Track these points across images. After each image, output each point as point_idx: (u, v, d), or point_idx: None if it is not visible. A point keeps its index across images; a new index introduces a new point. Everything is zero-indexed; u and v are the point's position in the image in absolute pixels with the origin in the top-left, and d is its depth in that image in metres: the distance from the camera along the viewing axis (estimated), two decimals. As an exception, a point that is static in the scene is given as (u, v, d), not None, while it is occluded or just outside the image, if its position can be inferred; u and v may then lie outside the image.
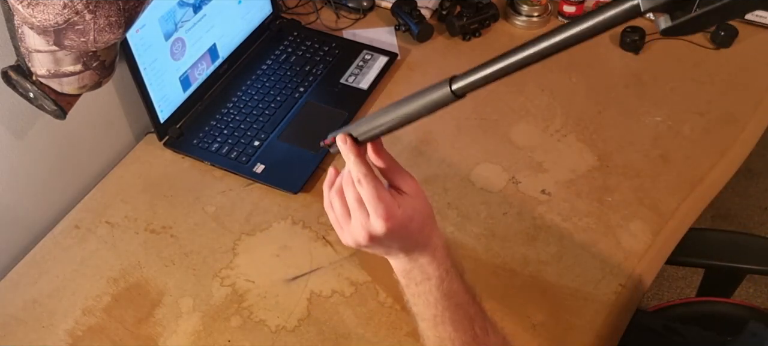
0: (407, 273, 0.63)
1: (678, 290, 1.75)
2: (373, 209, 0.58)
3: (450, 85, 0.58)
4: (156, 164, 1.07)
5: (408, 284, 0.63)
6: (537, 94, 1.14)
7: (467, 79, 0.57)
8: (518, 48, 0.56)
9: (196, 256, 0.93)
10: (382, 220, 0.57)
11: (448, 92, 0.58)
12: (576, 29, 0.52)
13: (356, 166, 0.59)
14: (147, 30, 0.99)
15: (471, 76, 0.57)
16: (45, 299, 0.89)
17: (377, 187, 0.59)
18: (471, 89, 0.58)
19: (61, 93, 0.82)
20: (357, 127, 0.63)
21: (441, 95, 0.59)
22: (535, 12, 1.28)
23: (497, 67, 0.57)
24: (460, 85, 0.57)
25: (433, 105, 0.60)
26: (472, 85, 0.57)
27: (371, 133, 0.62)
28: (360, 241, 0.60)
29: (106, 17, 0.68)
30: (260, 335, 0.84)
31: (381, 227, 0.58)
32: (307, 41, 1.25)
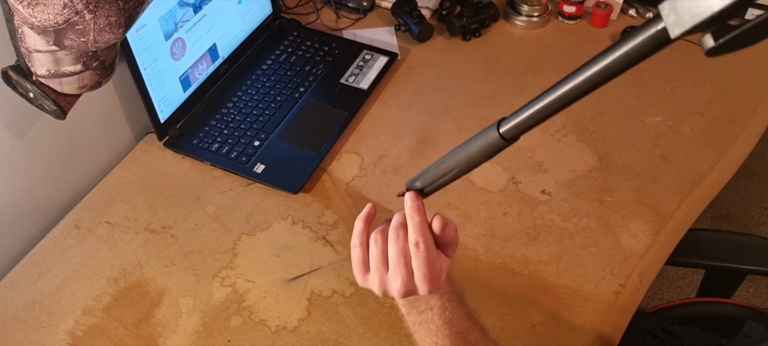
0: (409, 303, 0.62)
1: (678, 290, 1.75)
2: (422, 275, 0.57)
3: (498, 128, 0.56)
4: (156, 164, 1.07)
5: (409, 312, 0.62)
6: (537, 94, 1.14)
7: (513, 121, 0.55)
8: (560, 83, 0.56)
9: (196, 256, 0.93)
10: (428, 286, 0.57)
11: (496, 137, 0.56)
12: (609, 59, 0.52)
13: (418, 229, 0.58)
14: (147, 30, 0.99)
15: (516, 117, 0.56)
16: (45, 299, 0.89)
17: (431, 253, 0.58)
18: (519, 131, 0.56)
19: (61, 93, 0.82)
20: (424, 179, 0.62)
21: (491, 140, 0.57)
22: (535, 12, 1.28)
23: (541, 105, 0.56)
24: (506, 128, 0.56)
25: (486, 151, 0.58)
26: (518, 126, 0.56)
27: (436, 186, 0.63)
28: (390, 292, 0.59)
29: (106, 17, 0.68)
30: (260, 335, 0.84)
31: (424, 290, 0.57)
32: (307, 41, 1.25)
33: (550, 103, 0.56)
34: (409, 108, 1.13)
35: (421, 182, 0.63)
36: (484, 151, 0.58)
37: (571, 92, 0.56)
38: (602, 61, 0.52)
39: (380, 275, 0.59)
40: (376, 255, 0.60)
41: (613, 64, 0.53)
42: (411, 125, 1.10)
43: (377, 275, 0.60)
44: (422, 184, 0.63)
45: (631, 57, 0.51)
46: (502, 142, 0.56)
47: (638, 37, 0.49)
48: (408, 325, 0.64)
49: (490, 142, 0.57)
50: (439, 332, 0.60)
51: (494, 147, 0.57)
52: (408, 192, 0.62)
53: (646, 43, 0.49)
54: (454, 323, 0.61)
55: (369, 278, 0.61)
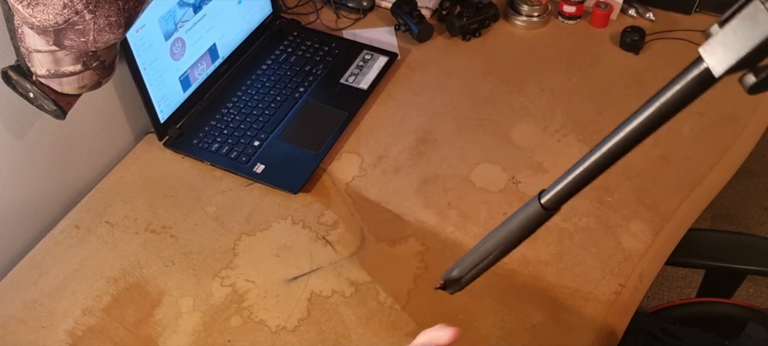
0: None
1: (678, 290, 1.75)
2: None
3: (539, 200, 0.56)
4: (156, 164, 1.07)
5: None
6: (537, 94, 1.14)
7: (554, 191, 0.55)
8: (596, 147, 0.55)
9: (196, 256, 0.93)
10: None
11: (539, 209, 0.56)
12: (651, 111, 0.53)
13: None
14: (147, 30, 0.99)
15: (557, 186, 0.55)
16: (45, 299, 0.89)
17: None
18: (562, 200, 0.55)
19: (60, 93, 0.82)
20: (461, 267, 0.62)
21: (533, 214, 0.57)
22: (535, 12, 1.28)
23: (580, 171, 0.55)
24: (548, 199, 0.55)
25: (528, 226, 0.58)
26: (559, 195, 0.55)
27: (475, 272, 0.62)
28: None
29: (106, 17, 0.68)
30: (260, 335, 0.84)
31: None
32: (307, 41, 1.25)
33: (589, 167, 0.55)
34: (409, 108, 1.13)
35: (459, 271, 0.62)
36: (526, 226, 0.57)
37: (613, 151, 0.55)
38: (647, 111, 0.53)
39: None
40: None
41: (658, 113, 0.53)
42: (411, 125, 1.10)
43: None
44: (460, 273, 0.62)
45: (676, 103, 0.51)
46: (546, 214, 0.55)
47: (681, 82, 0.50)
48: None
49: (531, 216, 0.56)
50: None
51: (536, 221, 0.56)
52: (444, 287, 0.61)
53: (690, 87, 0.50)
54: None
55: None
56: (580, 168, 0.55)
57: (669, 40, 1.22)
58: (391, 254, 0.92)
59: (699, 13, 1.27)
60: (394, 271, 0.89)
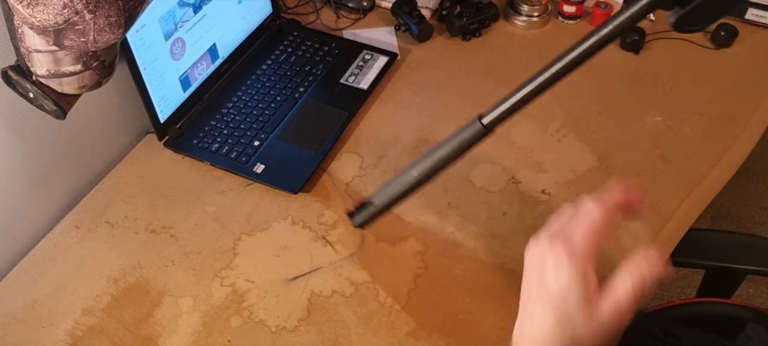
0: None
1: (678, 291, 1.76)
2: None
3: (480, 121, 0.61)
4: (156, 164, 1.07)
5: None
6: (537, 94, 1.14)
7: (494, 113, 0.61)
8: (537, 74, 0.61)
9: (196, 256, 0.93)
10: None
11: (479, 127, 0.61)
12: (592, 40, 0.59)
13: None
14: (147, 30, 0.99)
15: (496, 109, 0.61)
16: (45, 299, 0.89)
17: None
18: (500, 122, 0.61)
19: (60, 93, 0.82)
20: (384, 190, 0.67)
21: (472, 132, 0.62)
22: (535, 12, 1.28)
23: (521, 94, 0.61)
24: (489, 120, 0.61)
25: (467, 144, 0.62)
26: (499, 117, 0.61)
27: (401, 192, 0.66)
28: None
29: (106, 17, 0.68)
30: (260, 335, 0.84)
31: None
32: (307, 41, 1.25)
33: (527, 93, 0.62)
34: (409, 108, 1.13)
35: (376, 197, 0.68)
36: (464, 143, 0.62)
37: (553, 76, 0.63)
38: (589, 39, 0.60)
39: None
40: None
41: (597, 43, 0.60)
42: (411, 125, 1.10)
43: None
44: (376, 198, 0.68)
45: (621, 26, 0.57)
46: (485, 133, 0.61)
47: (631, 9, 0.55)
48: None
49: (472, 134, 0.61)
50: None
51: (475, 138, 0.61)
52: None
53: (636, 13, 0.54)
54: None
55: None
56: (519, 94, 0.62)
57: (669, 40, 1.22)
58: (391, 254, 0.92)
59: (699, 13, 1.27)
60: (394, 271, 0.89)
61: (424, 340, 0.82)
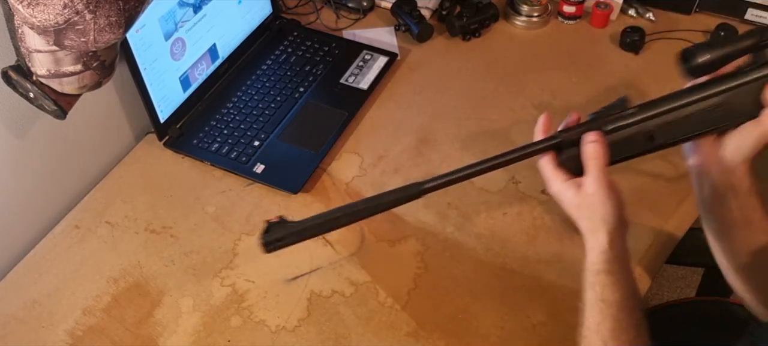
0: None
1: (678, 291, 1.75)
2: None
3: (422, 186, 0.69)
4: (156, 164, 1.07)
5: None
6: (537, 94, 1.14)
7: (434, 183, 0.69)
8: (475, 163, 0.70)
9: (196, 256, 0.93)
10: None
11: (420, 190, 0.68)
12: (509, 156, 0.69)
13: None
14: (147, 30, 0.99)
15: (437, 180, 0.69)
16: (45, 299, 0.89)
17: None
18: (436, 189, 0.69)
19: (61, 93, 0.82)
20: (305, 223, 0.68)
21: (410, 192, 0.68)
22: (535, 12, 1.28)
23: (456, 175, 0.70)
24: (429, 186, 0.69)
25: (401, 200, 0.69)
26: (436, 185, 0.69)
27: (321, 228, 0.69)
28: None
29: (106, 17, 0.68)
30: (260, 335, 0.84)
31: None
32: (307, 41, 1.25)
33: (462, 175, 0.70)
34: (409, 108, 1.13)
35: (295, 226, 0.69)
36: (399, 199, 0.69)
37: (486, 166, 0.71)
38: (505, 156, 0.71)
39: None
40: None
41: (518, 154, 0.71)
42: (411, 125, 1.10)
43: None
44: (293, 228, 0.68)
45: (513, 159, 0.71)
46: (420, 194, 0.68)
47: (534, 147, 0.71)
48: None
49: (409, 193, 0.68)
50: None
51: (410, 197, 0.68)
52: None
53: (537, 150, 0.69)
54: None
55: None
56: (456, 175, 0.69)
57: (669, 40, 1.22)
58: (391, 254, 0.92)
59: (699, 13, 1.27)
60: (394, 271, 0.89)
61: (424, 340, 0.82)
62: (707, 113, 0.64)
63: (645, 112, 0.65)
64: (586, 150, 0.66)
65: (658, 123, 0.65)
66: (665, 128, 0.65)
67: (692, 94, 0.65)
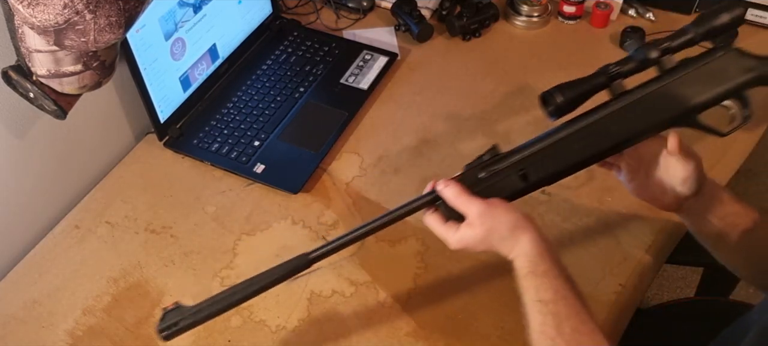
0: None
1: (678, 290, 1.75)
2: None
3: (308, 256, 0.71)
4: (156, 164, 1.07)
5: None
6: (537, 94, 1.14)
7: (320, 251, 0.71)
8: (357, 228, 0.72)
9: (196, 256, 0.93)
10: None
11: (306, 260, 0.70)
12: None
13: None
14: (147, 30, 0.99)
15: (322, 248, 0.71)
16: (45, 299, 0.89)
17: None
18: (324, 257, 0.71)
19: (61, 93, 0.82)
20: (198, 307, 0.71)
21: (297, 263, 0.71)
22: (535, 12, 1.28)
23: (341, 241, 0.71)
24: (314, 255, 0.70)
25: (289, 271, 0.71)
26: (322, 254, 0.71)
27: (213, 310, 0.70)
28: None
29: (107, 17, 0.68)
30: (260, 335, 0.84)
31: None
32: (307, 41, 1.25)
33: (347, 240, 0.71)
34: (409, 108, 1.13)
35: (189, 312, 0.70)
36: (287, 271, 0.70)
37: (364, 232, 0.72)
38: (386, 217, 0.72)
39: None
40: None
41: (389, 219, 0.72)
42: (411, 125, 1.10)
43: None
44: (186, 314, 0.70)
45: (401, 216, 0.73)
46: (308, 264, 0.70)
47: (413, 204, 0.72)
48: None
49: (296, 264, 0.70)
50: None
51: (298, 268, 0.71)
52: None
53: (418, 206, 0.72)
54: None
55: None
56: (340, 241, 0.71)
57: (669, 40, 1.22)
58: (391, 254, 0.92)
59: (699, 13, 1.27)
60: (394, 271, 0.89)
61: (424, 340, 0.82)
62: (571, 146, 0.69)
63: (512, 157, 0.70)
64: (447, 195, 0.69)
65: (529, 162, 0.69)
66: (536, 166, 0.69)
67: (556, 132, 0.70)
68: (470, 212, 0.68)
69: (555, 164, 0.69)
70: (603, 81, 0.70)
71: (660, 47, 0.69)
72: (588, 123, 0.69)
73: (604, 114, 0.69)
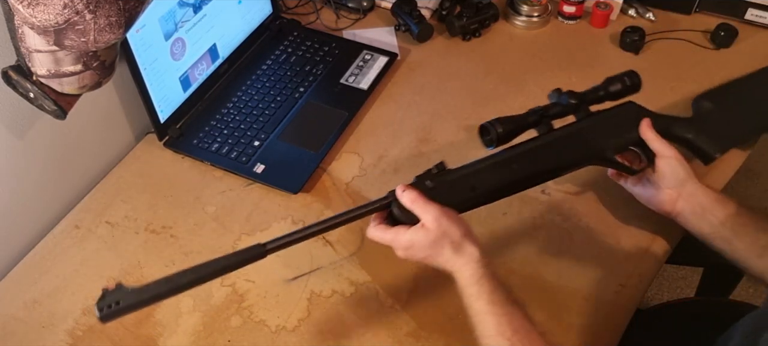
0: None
1: (678, 290, 1.76)
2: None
3: (264, 246, 0.72)
4: (156, 164, 1.07)
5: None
6: (537, 93, 1.14)
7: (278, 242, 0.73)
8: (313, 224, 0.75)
9: (197, 256, 0.93)
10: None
11: (261, 250, 0.71)
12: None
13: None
14: (147, 30, 0.99)
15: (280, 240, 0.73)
16: (45, 298, 0.89)
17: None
18: (280, 248, 0.73)
19: (61, 93, 0.82)
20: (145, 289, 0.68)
21: (253, 252, 0.71)
22: (535, 12, 1.28)
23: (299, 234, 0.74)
24: (271, 246, 0.72)
25: (243, 260, 0.71)
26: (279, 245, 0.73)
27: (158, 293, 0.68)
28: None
29: (107, 17, 0.68)
30: (260, 335, 0.84)
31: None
32: (307, 41, 1.25)
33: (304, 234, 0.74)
34: (409, 108, 1.13)
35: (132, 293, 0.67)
36: (242, 259, 0.71)
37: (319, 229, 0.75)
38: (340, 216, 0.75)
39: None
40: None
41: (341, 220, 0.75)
42: (411, 125, 1.10)
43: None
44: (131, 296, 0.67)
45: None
46: (263, 254, 0.71)
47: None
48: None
49: (252, 253, 0.71)
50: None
51: (253, 257, 0.71)
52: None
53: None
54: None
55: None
56: (298, 234, 0.74)
57: (669, 41, 1.23)
58: (391, 254, 0.91)
59: (699, 13, 1.27)
60: (394, 271, 0.89)
61: (424, 340, 0.82)
62: (509, 166, 0.79)
63: (458, 171, 0.77)
64: (406, 199, 0.73)
65: (474, 176, 0.77)
66: (480, 180, 0.77)
67: (496, 155, 0.79)
68: (427, 214, 0.71)
69: (496, 180, 0.78)
70: (534, 119, 0.83)
71: (577, 96, 0.85)
72: (521, 151, 0.80)
73: (533, 146, 0.81)
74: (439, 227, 0.71)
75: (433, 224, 0.71)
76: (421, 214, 0.72)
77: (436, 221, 0.71)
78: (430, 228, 0.71)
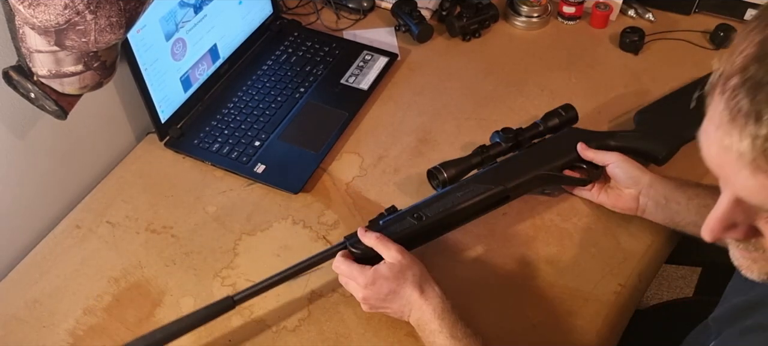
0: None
1: (677, 290, 1.76)
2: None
3: (232, 299, 0.79)
4: (157, 164, 1.07)
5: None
6: (537, 94, 1.14)
7: (245, 293, 0.80)
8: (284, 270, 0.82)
9: (197, 256, 0.93)
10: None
11: (230, 303, 0.79)
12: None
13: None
14: (148, 30, 0.99)
15: (248, 290, 0.80)
16: (46, 298, 0.90)
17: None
18: (247, 299, 0.81)
19: (62, 93, 0.82)
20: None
21: (221, 306, 0.79)
22: (535, 12, 1.28)
23: (266, 283, 0.81)
24: (239, 297, 0.79)
25: (211, 314, 0.79)
26: (246, 295, 0.80)
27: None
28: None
29: (107, 17, 0.69)
30: (260, 334, 0.84)
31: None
32: (308, 42, 1.26)
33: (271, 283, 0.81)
34: (409, 108, 1.13)
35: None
36: (210, 314, 0.79)
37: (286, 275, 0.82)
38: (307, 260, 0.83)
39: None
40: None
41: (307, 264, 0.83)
42: (411, 125, 1.10)
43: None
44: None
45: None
46: (232, 306, 0.79)
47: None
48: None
49: (219, 307, 0.79)
50: None
51: (220, 311, 0.79)
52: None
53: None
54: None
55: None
56: (265, 283, 0.81)
57: (668, 41, 1.23)
58: (392, 254, 0.92)
59: (698, 14, 1.27)
60: (394, 271, 0.89)
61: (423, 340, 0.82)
62: (454, 194, 0.85)
63: (406, 209, 0.84)
64: (369, 239, 0.79)
65: (421, 209, 0.84)
66: (427, 211, 0.83)
67: (443, 192, 0.86)
68: (390, 251, 0.78)
69: (441, 209, 0.84)
70: (478, 161, 0.90)
71: (516, 133, 0.93)
72: (466, 180, 0.88)
73: (479, 174, 0.89)
74: (402, 261, 0.77)
75: (395, 258, 0.77)
76: (384, 251, 0.78)
77: (399, 255, 0.77)
78: (394, 262, 0.77)
